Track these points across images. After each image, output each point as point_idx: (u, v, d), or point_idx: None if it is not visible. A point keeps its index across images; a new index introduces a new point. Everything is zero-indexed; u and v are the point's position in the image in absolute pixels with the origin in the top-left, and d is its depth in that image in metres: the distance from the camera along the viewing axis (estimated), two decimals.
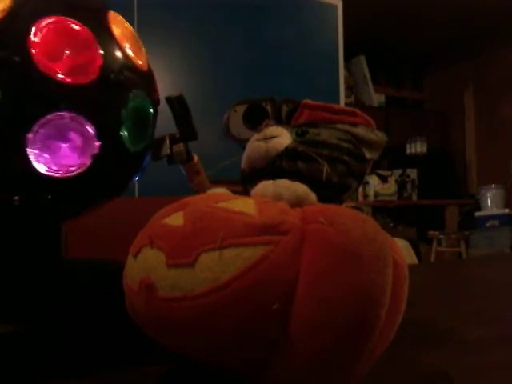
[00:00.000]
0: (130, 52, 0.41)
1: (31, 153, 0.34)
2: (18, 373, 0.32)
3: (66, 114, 0.35)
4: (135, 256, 0.27)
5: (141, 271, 0.26)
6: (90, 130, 0.36)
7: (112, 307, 0.33)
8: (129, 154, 0.40)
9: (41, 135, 0.34)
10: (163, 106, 0.47)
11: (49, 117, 0.34)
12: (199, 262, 0.23)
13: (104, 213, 0.47)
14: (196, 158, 0.52)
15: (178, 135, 0.50)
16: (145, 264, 0.26)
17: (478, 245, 3.78)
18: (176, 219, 0.26)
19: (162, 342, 0.27)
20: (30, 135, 0.34)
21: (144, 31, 1.79)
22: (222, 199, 0.27)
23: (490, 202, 4.18)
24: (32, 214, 0.38)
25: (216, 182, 0.44)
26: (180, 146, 0.49)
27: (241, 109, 0.44)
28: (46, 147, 0.35)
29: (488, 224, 3.92)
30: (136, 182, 0.45)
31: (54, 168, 0.35)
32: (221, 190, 0.32)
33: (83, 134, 0.36)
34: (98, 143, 0.36)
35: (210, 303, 0.23)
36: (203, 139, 0.57)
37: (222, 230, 0.24)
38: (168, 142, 0.49)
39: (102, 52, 0.37)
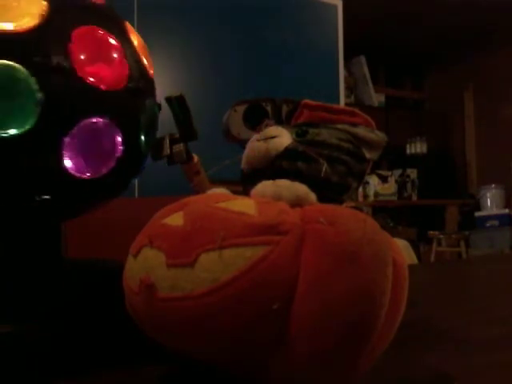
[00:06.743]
0: (145, 61, 0.42)
1: (66, 155, 0.35)
2: (18, 373, 0.32)
3: (100, 119, 0.36)
4: (135, 256, 0.27)
5: (141, 271, 0.26)
6: (118, 135, 0.38)
7: (112, 307, 0.33)
8: (142, 156, 0.42)
9: (77, 139, 0.35)
10: (163, 105, 0.47)
11: (85, 121, 0.35)
12: (199, 262, 0.23)
13: (104, 213, 0.47)
14: (196, 158, 0.52)
15: (177, 135, 0.50)
16: (145, 264, 0.26)
17: (478, 245, 3.79)
18: (176, 219, 0.26)
19: (162, 342, 0.27)
20: (67, 138, 0.34)
21: (144, 32, 1.79)
22: (222, 199, 0.27)
23: (490, 202, 4.18)
24: (32, 213, 0.38)
25: (216, 182, 0.44)
26: (180, 146, 0.49)
27: (241, 109, 0.44)
28: (80, 150, 0.36)
29: (488, 224, 3.92)
30: (136, 182, 0.45)
31: (85, 170, 0.37)
32: (221, 190, 0.32)
33: (112, 139, 0.37)
34: (121, 147, 0.38)
35: (210, 303, 0.23)
36: (203, 139, 0.57)
37: (222, 230, 0.24)
38: (168, 141, 0.49)
39: (127, 61, 0.38)
